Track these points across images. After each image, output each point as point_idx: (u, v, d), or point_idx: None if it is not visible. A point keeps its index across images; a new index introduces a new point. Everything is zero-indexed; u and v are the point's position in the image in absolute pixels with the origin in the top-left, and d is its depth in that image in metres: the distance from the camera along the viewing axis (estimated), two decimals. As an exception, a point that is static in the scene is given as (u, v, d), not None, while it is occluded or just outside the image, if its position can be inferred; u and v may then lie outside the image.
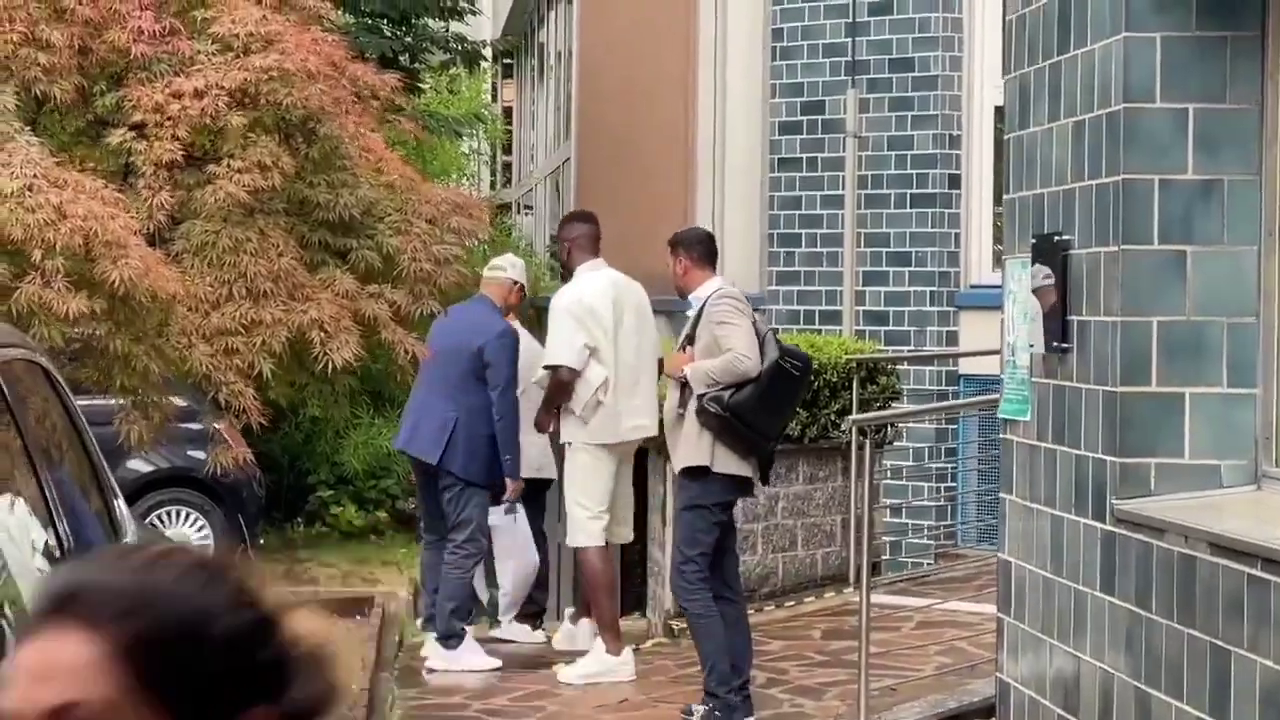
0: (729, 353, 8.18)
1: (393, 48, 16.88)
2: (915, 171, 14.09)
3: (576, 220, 10.00)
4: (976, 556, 11.96)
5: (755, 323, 8.39)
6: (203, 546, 13.70)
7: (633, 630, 10.59)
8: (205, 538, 13.88)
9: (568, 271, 9.72)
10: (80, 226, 5.28)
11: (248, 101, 6.11)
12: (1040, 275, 6.05)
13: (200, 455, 12.94)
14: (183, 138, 5.90)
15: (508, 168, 30.64)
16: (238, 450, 7.25)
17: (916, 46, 14.09)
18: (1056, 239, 5.93)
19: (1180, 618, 5.10)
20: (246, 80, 6.00)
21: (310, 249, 6.38)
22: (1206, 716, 4.95)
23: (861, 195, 14.33)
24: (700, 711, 8.28)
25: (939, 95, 14.01)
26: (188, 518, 13.85)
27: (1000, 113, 8.93)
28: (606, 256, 9.71)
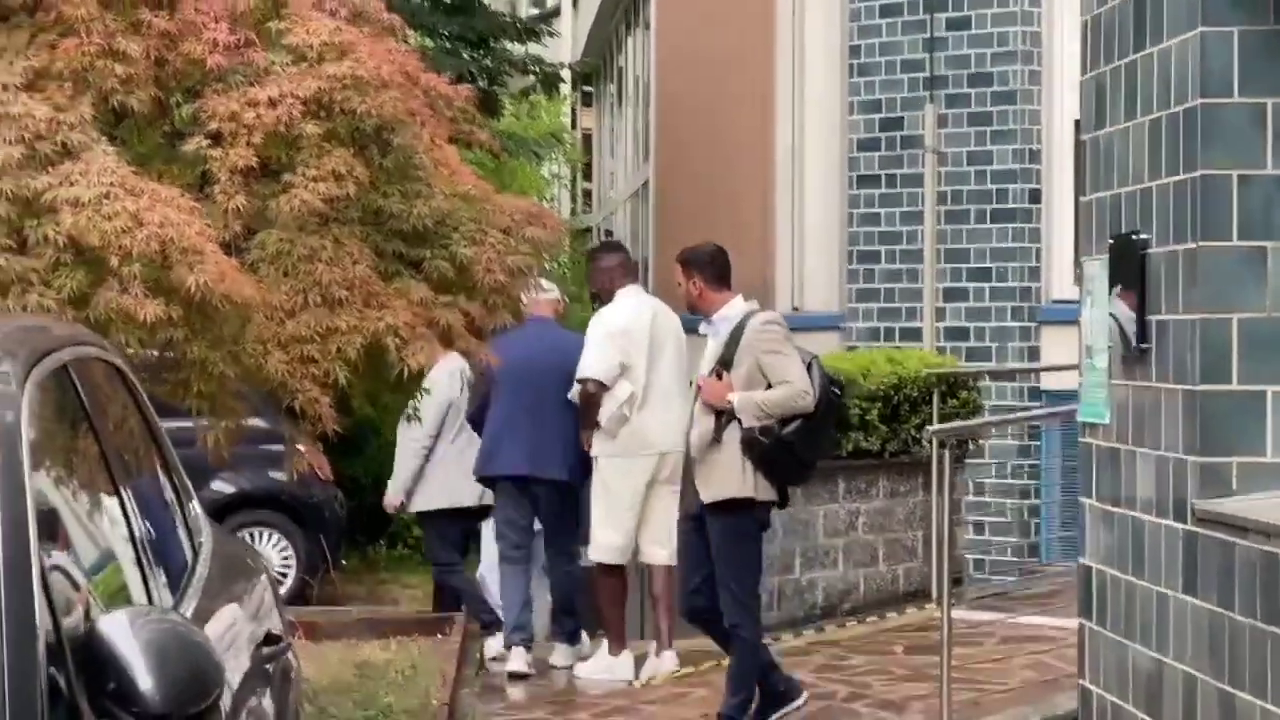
0: (787, 386, 7.94)
1: (470, 70, 16.96)
2: (995, 186, 14.04)
3: (611, 250, 10.64)
4: (1061, 571, 11.85)
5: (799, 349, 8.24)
6: (285, 566, 13.78)
7: (715, 648, 10.53)
8: (288, 559, 13.97)
9: (599, 298, 10.16)
10: (156, 233, 5.31)
11: (321, 112, 6.14)
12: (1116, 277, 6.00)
13: (283, 477, 13.09)
14: (257, 145, 5.93)
15: (588, 195, 30.76)
16: (313, 457, 7.26)
17: (995, 61, 14.04)
18: (1134, 238, 5.87)
19: (1264, 617, 5.02)
20: (320, 89, 6.02)
21: (384, 259, 6.39)
22: (1292, 717, 4.87)
23: (941, 211, 14.28)
24: None
25: (1018, 109, 13.96)
26: (271, 539, 13.93)
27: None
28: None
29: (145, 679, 2.98)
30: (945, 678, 8.06)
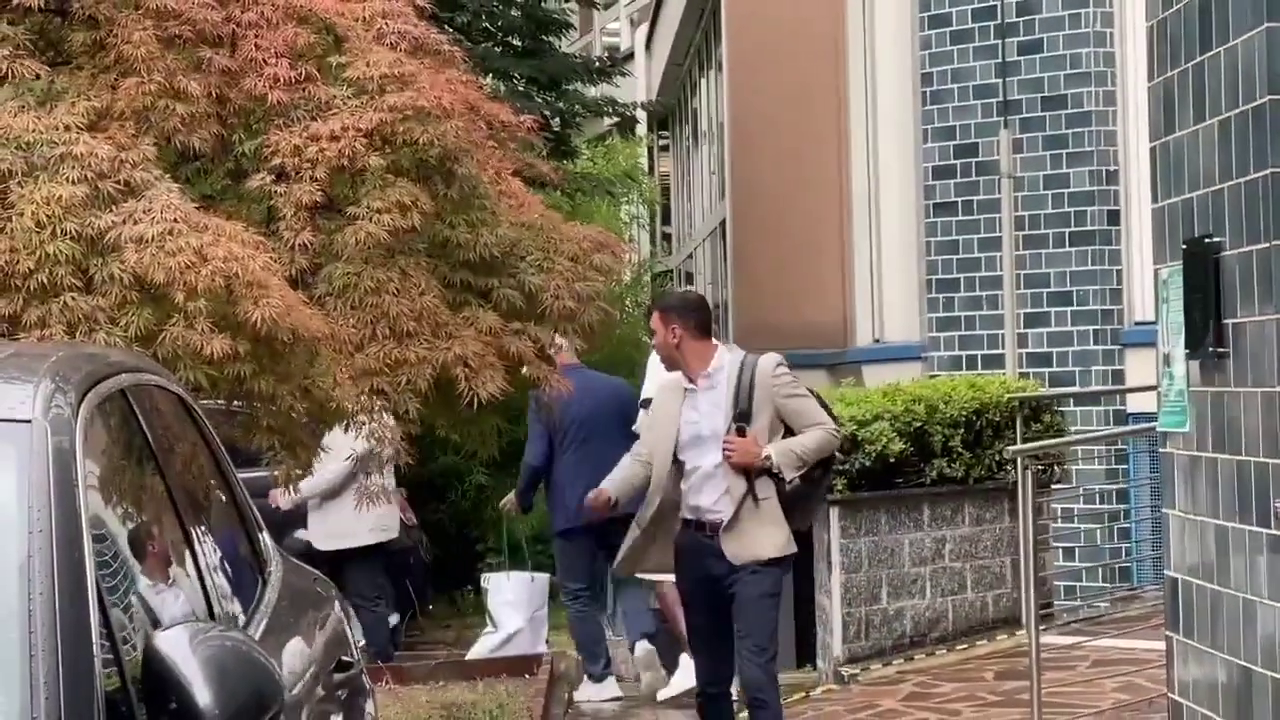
0: (820, 428, 7.59)
1: (544, 113, 16.99)
2: (1073, 209, 13.90)
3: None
4: (1152, 594, 11.68)
5: None
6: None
7: (805, 681, 10.48)
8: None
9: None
10: (221, 268, 5.31)
11: (384, 144, 6.14)
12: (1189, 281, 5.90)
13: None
14: (322, 179, 5.94)
15: (667, 238, 30.80)
16: (399, 502, 7.23)
17: (1069, 83, 13.92)
18: (1207, 241, 5.77)
19: (1353, 620, 4.91)
20: (382, 121, 6.02)
21: (452, 289, 6.38)
22: (1385, 721, 4.75)
23: (1019, 236, 14.16)
24: None
25: (1093, 131, 13.83)
26: (356, 585, 13.90)
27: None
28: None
29: (204, 694, 2.95)
30: (1035, 703, 7.95)
